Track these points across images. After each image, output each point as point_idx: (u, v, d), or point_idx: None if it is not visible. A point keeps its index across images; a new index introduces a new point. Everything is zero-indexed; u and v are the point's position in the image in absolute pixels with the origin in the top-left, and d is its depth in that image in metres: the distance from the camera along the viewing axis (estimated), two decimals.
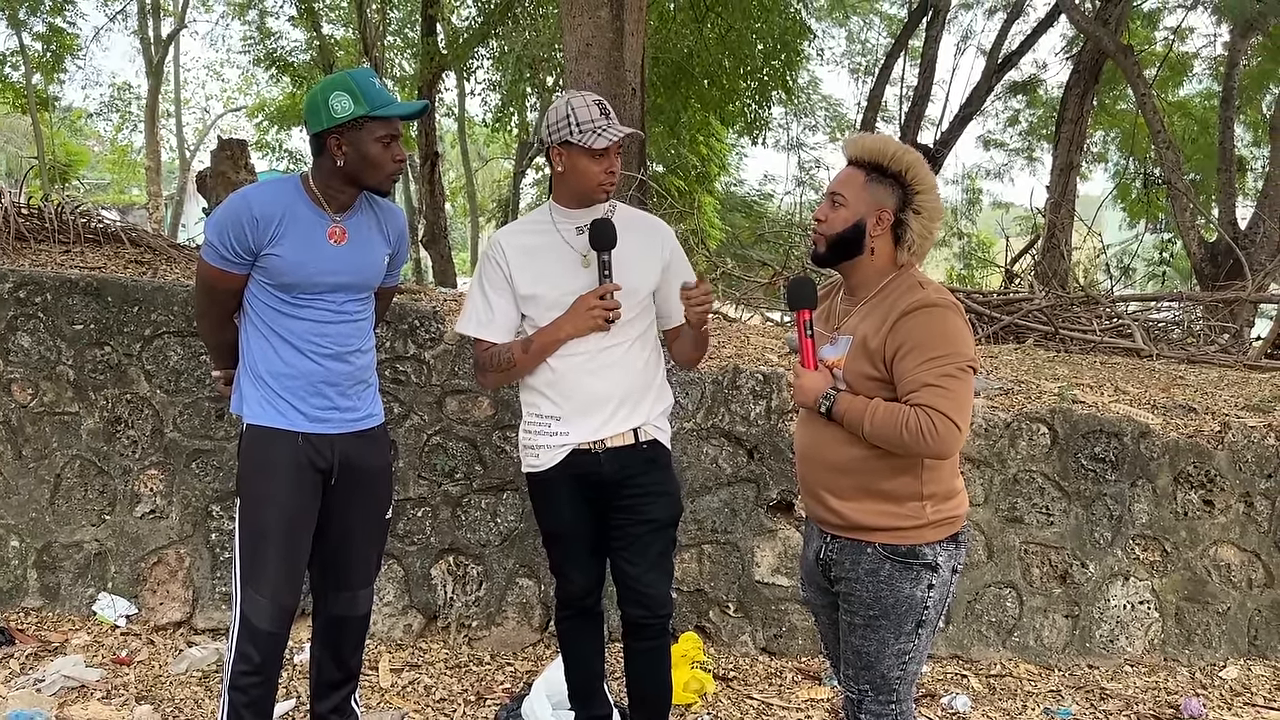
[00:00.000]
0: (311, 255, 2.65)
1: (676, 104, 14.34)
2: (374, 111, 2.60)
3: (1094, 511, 4.07)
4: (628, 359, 2.82)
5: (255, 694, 2.72)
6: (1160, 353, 6.68)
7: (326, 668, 2.95)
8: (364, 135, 2.61)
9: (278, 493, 2.69)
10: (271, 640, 2.72)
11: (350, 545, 2.86)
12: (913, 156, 2.31)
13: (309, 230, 2.66)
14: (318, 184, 2.69)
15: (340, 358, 2.74)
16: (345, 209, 2.73)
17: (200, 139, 29.92)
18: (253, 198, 2.66)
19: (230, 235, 2.61)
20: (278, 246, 2.62)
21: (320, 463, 2.74)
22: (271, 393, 2.70)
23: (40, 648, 3.68)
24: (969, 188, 24.57)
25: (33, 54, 18.38)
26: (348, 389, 2.77)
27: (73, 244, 5.33)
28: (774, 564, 3.99)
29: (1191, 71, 17.98)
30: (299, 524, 2.73)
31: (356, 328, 2.79)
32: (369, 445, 2.84)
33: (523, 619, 3.98)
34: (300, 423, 2.71)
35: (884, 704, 2.36)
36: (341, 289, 2.72)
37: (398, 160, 2.68)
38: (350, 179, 2.67)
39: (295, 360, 2.69)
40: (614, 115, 2.78)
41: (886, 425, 2.20)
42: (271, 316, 2.69)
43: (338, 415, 2.75)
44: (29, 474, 3.92)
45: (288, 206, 2.65)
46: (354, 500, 2.82)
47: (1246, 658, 4.16)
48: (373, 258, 2.79)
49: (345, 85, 2.62)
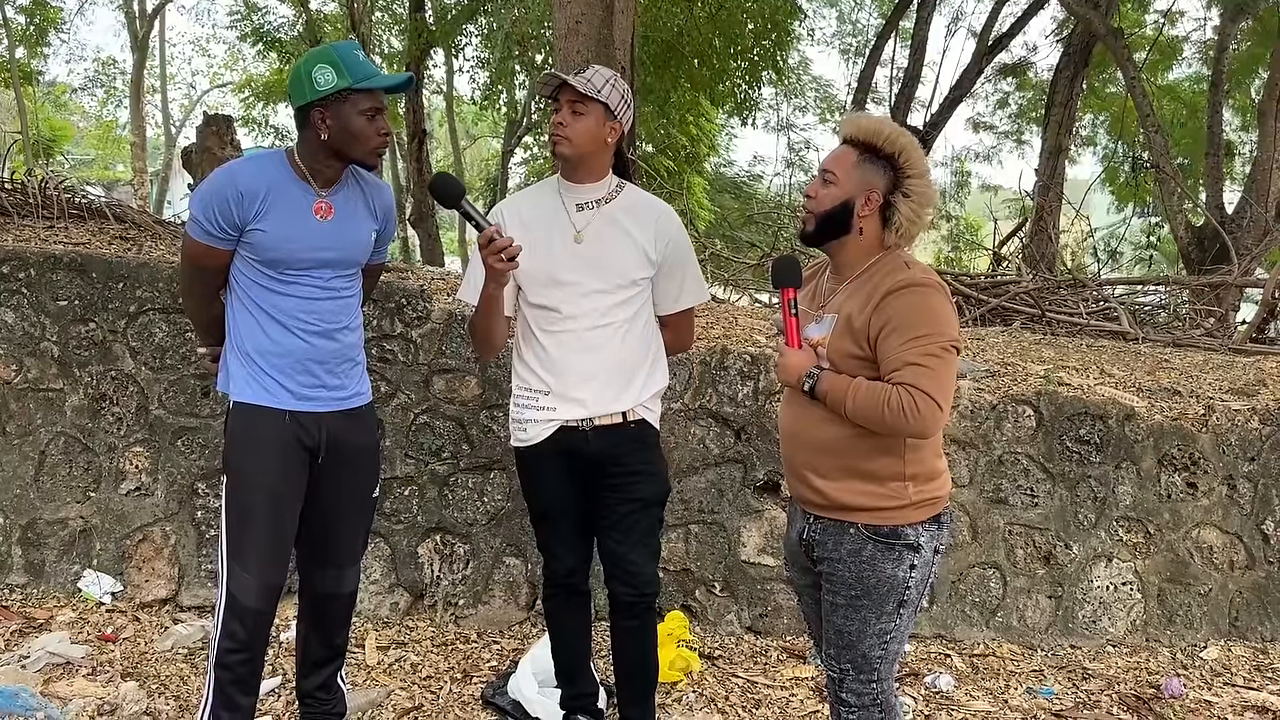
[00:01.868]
0: (297, 231, 2.63)
1: (666, 83, 14.27)
2: (357, 84, 2.57)
3: (1078, 493, 4.10)
4: (616, 339, 2.81)
5: (241, 671, 2.72)
6: (1146, 336, 6.71)
7: (313, 646, 2.95)
8: (348, 108, 2.58)
9: (264, 471, 2.68)
10: (258, 618, 2.71)
11: (337, 524, 2.85)
12: (906, 140, 2.31)
13: (295, 205, 2.64)
14: (303, 159, 2.66)
15: (328, 335, 2.72)
16: (331, 184, 2.70)
17: (186, 115, 29.68)
18: (238, 172, 2.64)
19: (215, 210, 2.58)
20: (263, 222, 2.59)
21: (307, 441, 2.72)
22: (259, 370, 2.68)
23: (25, 624, 3.67)
24: (958, 170, 24.56)
25: (15, 27, 18.18)
26: (335, 367, 2.76)
27: (57, 220, 5.29)
28: (760, 544, 4.01)
29: (1181, 55, 17.98)
30: (285, 502, 2.72)
31: (344, 305, 2.77)
32: (356, 423, 2.83)
33: (509, 598, 3.99)
34: (287, 401, 2.69)
35: (865, 683, 2.38)
36: (328, 265, 2.70)
37: (383, 134, 2.65)
38: (335, 153, 2.64)
39: (282, 338, 2.67)
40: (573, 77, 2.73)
41: (868, 403, 2.21)
42: (258, 293, 2.67)
43: (325, 394, 2.74)
44: (13, 450, 3.90)
45: (273, 181, 2.62)
46: (341, 479, 2.81)
47: (1227, 639, 4.20)
48: (359, 233, 2.77)
49: (328, 58, 2.59)
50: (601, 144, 2.79)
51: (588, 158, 2.80)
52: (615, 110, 2.77)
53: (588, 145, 2.77)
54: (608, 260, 2.79)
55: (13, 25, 18.03)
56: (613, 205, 2.84)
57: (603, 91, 2.72)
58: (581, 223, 2.81)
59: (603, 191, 2.84)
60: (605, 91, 2.73)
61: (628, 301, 2.82)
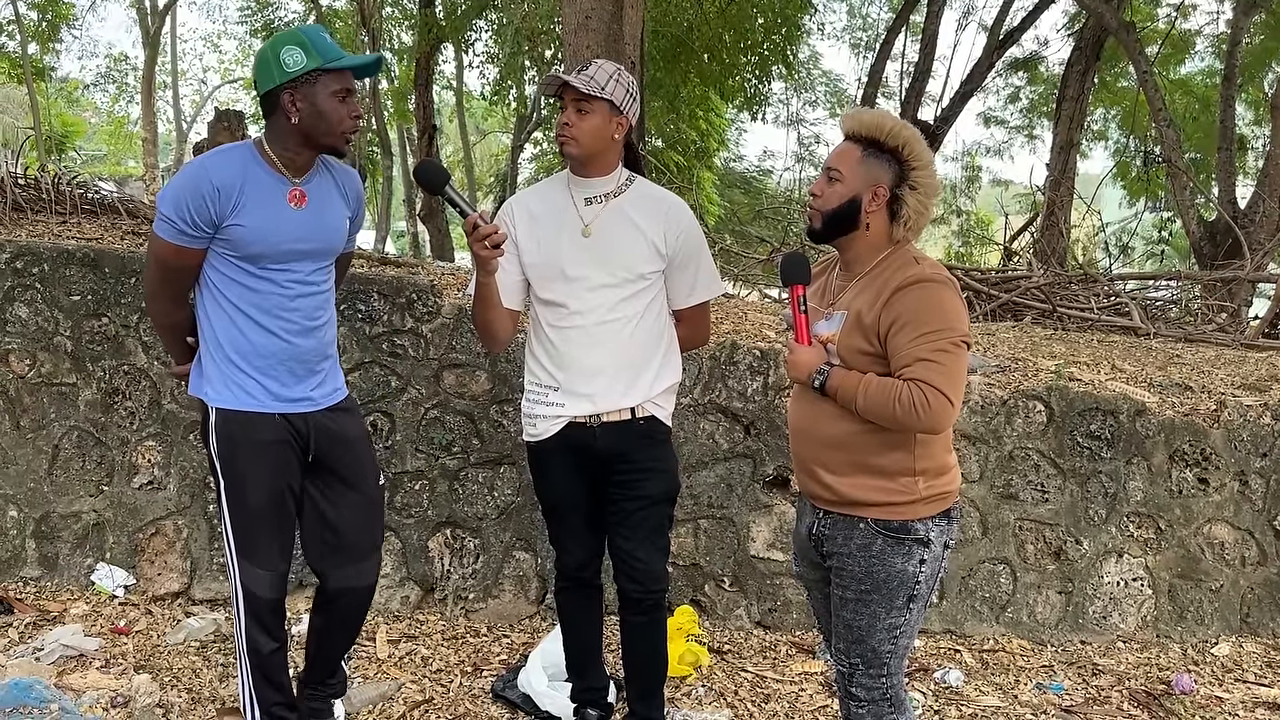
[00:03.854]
0: (275, 222, 2.56)
1: (676, 78, 14.26)
2: (327, 64, 2.51)
3: (1089, 489, 4.09)
4: (624, 334, 2.79)
5: (275, 659, 2.78)
6: (1157, 331, 6.68)
7: (335, 639, 2.97)
8: (318, 90, 2.51)
9: (259, 471, 2.66)
10: (276, 606, 2.77)
11: (347, 518, 2.84)
12: (909, 132, 2.30)
13: (269, 196, 2.56)
14: (273, 147, 2.58)
15: (308, 333, 2.68)
16: (303, 172, 2.63)
17: (197, 111, 29.80)
18: (210, 166, 2.53)
19: (189, 208, 2.48)
20: (240, 216, 2.52)
21: (297, 440, 2.70)
22: (239, 372, 2.63)
23: (39, 617, 3.70)
24: (969, 165, 24.51)
25: (28, 23, 18.26)
26: (316, 365, 2.72)
27: (69, 215, 5.31)
28: (769, 539, 4.01)
29: (1193, 49, 17.91)
30: (284, 497, 2.73)
31: (322, 299, 2.72)
32: (342, 416, 2.80)
33: (519, 592, 4.00)
34: (270, 403, 2.65)
35: (874, 677, 2.38)
36: (308, 256, 2.64)
37: (354, 116, 2.58)
38: (306, 138, 2.57)
39: (262, 339, 2.62)
40: (577, 75, 2.73)
41: (879, 399, 2.20)
42: (236, 292, 2.60)
43: (306, 393, 2.71)
44: (27, 444, 3.93)
45: (246, 173, 2.54)
46: (340, 473, 2.80)
47: (1238, 635, 4.19)
48: (335, 221, 2.72)
49: (296, 39, 2.52)
50: (609, 140, 2.77)
51: (596, 155, 2.79)
52: (621, 105, 2.75)
53: (595, 145, 2.76)
54: (615, 254, 2.77)
55: (25, 21, 18.11)
56: (622, 199, 2.82)
57: (606, 88, 2.70)
58: (590, 217, 2.80)
59: (612, 185, 2.83)
60: (609, 88, 2.71)
61: (636, 296, 2.80)
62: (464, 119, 26.20)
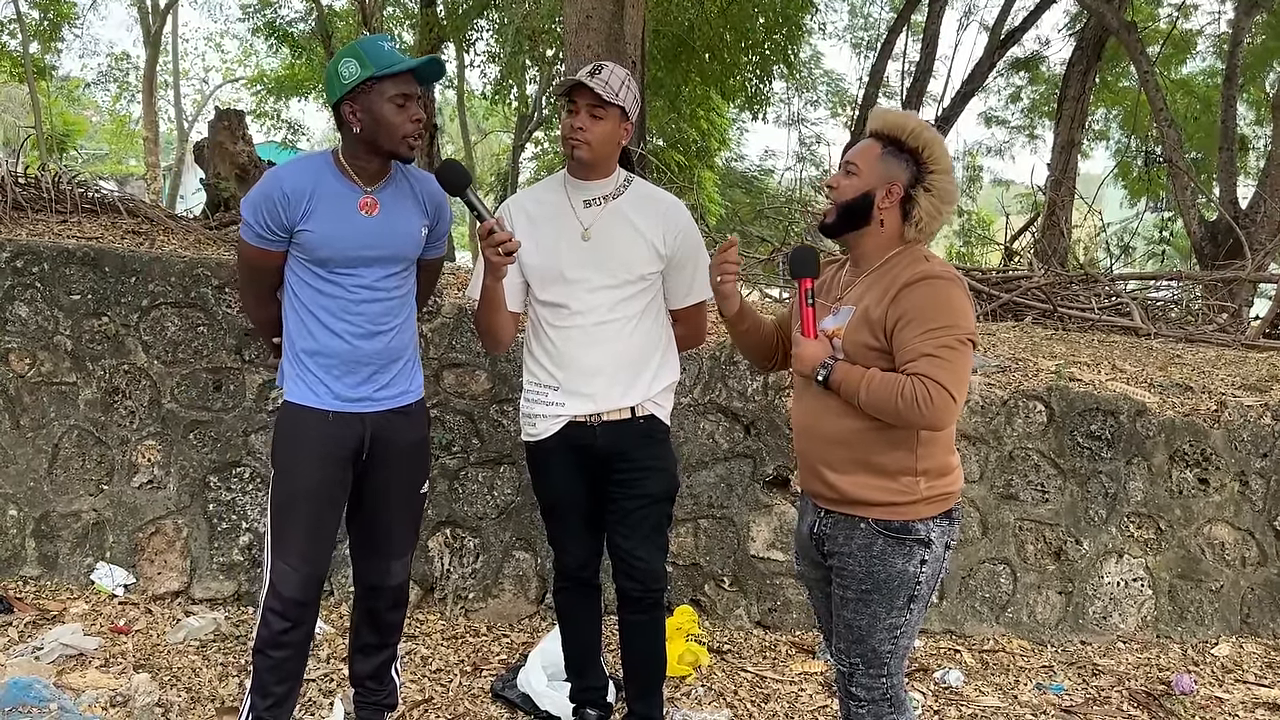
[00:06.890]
0: (343, 228, 2.64)
1: (677, 78, 14.27)
2: (380, 71, 2.57)
3: (1089, 489, 4.09)
4: (624, 334, 2.80)
5: (279, 657, 2.76)
6: (1158, 331, 6.68)
7: (363, 633, 3.02)
8: (375, 98, 2.58)
9: (304, 468, 2.72)
10: (299, 607, 2.76)
11: (384, 518, 2.89)
12: (931, 135, 2.31)
13: (339, 203, 2.65)
14: (345, 157, 2.68)
15: (373, 336, 2.73)
16: (376, 180, 2.71)
17: (199, 110, 29.76)
18: (283, 174, 2.67)
19: (264, 212, 2.62)
20: (310, 222, 2.62)
21: (350, 440, 2.75)
22: (305, 369, 2.72)
23: (38, 616, 3.70)
24: (970, 165, 24.50)
25: (30, 22, 18.26)
26: (382, 367, 2.76)
27: (70, 214, 5.31)
28: (769, 539, 4.01)
29: (1195, 49, 17.91)
30: (325, 498, 2.76)
31: (391, 306, 2.76)
32: (403, 420, 2.83)
33: (519, 591, 4.00)
34: (330, 401, 2.72)
35: (875, 677, 2.38)
36: (377, 262, 2.70)
37: (414, 120, 2.63)
38: (370, 146, 2.65)
39: (326, 339, 2.70)
40: (593, 77, 2.71)
41: (882, 393, 2.20)
42: (308, 294, 2.70)
43: (369, 393, 2.75)
44: (27, 443, 3.93)
45: (317, 181, 2.65)
46: (387, 475, 2.84)
47: (1238, 635, 4.19)
48: (408, 228, 2.76)
49: (353, 52, 2.61)
50: (616, 146, 2.82)
51: (603, 160, 2.81)
52: (630, 112, 2.78)
53: (605, 149, 2.79)
54: (614, 256, 2.78)
55: (27, 20, 18.11)
56: (620, 200, 2.84)
57: (619, 95, 2.73)
58: (589, 219, 2.81)
59: (610, 187, 2.84)
60: (622, 94, 2.73)
61: (635, 296, 2.81)
62: (465, 118, 26.20)
